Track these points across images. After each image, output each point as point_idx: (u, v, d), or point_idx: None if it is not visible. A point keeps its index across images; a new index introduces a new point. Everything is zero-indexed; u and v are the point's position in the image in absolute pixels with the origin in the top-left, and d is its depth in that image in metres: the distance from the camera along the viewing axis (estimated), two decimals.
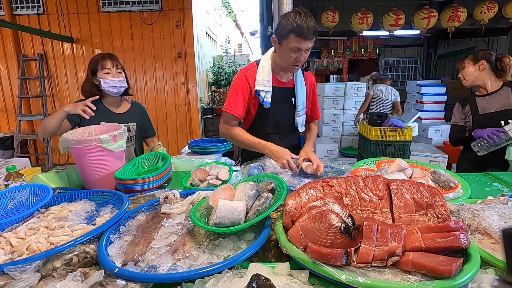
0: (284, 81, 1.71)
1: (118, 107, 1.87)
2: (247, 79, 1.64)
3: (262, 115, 1.71)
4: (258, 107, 1.70)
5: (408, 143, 3.65)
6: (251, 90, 1.65)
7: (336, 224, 0.73)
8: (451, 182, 1.26)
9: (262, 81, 1.61)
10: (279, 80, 1.69)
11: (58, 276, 0.75)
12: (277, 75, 1.68)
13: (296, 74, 1.71)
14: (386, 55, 7.72)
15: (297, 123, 1.76)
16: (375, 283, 0.61)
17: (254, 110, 1.71)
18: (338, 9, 4.97)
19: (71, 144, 1.35)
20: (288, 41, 1.44)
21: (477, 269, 0.66)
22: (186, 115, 5.79)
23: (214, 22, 7.78)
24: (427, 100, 5.39)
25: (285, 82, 1.71)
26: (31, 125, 5.77)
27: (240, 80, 1.64)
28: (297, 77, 1.71)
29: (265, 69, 1.63)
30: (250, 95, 1.66)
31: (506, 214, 0.90)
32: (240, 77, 1.66)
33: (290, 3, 2.73)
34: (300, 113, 1.74)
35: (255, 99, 1.67)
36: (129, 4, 5.35)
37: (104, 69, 1.71)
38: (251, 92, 1.65)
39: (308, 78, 1.80)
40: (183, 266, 0.79)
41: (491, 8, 4.49)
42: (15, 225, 1.03)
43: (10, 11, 5.32)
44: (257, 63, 1.69)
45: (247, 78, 1.64)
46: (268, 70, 1.63)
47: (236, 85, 1.65)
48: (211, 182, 1.42)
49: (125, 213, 1.02)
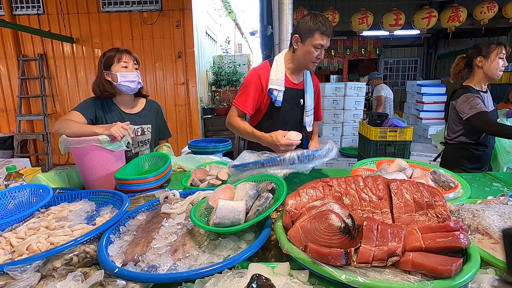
0: (296, 82, 1.76)
1: (132, 107, 1.76)
2: (260, 77, 1.68)
3: (272, 113, 1.75)
4: (269, 106, 1.73)
5: (408, 143, 3.64)
6: (262, 89, 1.69)
7: (336, 224, 0.73)
8: (451, 182, 1.26)
9: (276, 80, 1.66)
10: (291, 81, 1.73)
11: (58, 276, 0.75)
12: (289, 76, 1.73)
13: (306, 75, 1.78)
14: (386, 55, 7.72)
15: (305, 123, 1.80)
16: (375, 283, 0.61)
17: (265, 108, 1.75)
18: (338, 9, 4.97)
19: (70, 144, 1.35)
20: (312, 38, 1.54)
21: (477, 269, 0.66)
22: (186, 115, 5.79)
23: (214, 22, 7.78)
24: (427, 100, 5.39)
25: (297, 83, 1.76)
26: (31, 125, 5.76)
27: (254, 78, 1.69)
28: (307, 78, 1.78)
29: (279, 69, 1.68)
30: (262, 93, 1.70)
31: (506, 214, 0.90)
32: (253, 75, 1.70)
33: (290, 3, 2.72)
34: (309, 113, 1.79)
35: (266, 97, 1.71)
36: (129, 4, 5.35)
37: (121, 62, 1.61)
38: (262, 90, 1.69)
39: (315, 80, 1.87)
40: (183, 266, 0.79)
41: (491, 8, 4.50)
42: (15, 225, 1.03)
43: (10, 11, 5.32)
44: (270, 62, 1.74)
45: (260, 77, 1.69)
46: (282, 70, 1.68)
47: (249, 82, 1.69)
48: (211, 182, 1.42)
49: (125, 213, 1.02)
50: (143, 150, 1.81)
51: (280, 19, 2.73)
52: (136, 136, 1.75)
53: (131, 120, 1.71)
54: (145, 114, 1.81)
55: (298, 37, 1.60)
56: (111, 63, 1.62)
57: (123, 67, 1.62)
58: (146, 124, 1.80)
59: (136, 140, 1.76)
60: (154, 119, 1.84)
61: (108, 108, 1.69)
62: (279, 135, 1.45)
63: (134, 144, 1.76)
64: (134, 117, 1.75)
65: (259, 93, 1.69)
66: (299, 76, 1.77)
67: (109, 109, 1.69)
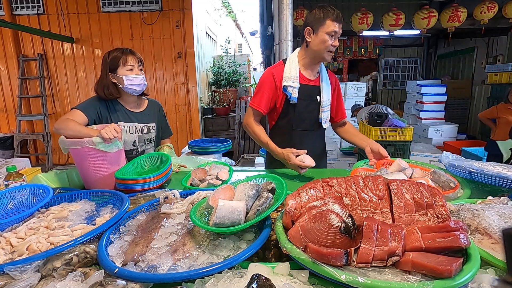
0: (311, 79, 1.76)
1: (136, 106, 1.77)
2: (274, 76, 1.71)
3: (288, 111, 1.76)
4: (285, 103, 1.74)
5: (408, 143, 3.65)
6: (276, 87, 1.71)
7: (336, 224, 0.73)
8: (451, 182, 1.26)
9: (290, 77, 1.68)
10: (306, 78, 1.74)
11: (58, 276, 0.75)
12: (304, 72, 1.74)
13: (322, 71, 1.78)
14: (386, 55, 7.72)
15: (321, 119, 1.80)
16: (375, 283, 0.61)
17: (280, 106, 1.76)
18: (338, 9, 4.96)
19: (66, 145, 1.34)
20: (324, 26, 1.57)
21: (477, 269, 0.66)
22: (186, 115, 5.79)
23: (214, 22, 7.78)
24: (427, 100, 5.39)
25: (312, 79, 1.76)
26: (31, 125, 5.77)
27: (267, 77, 1.72)
28: (323, 74, 1.78)
29: (293, 66, 1.70)
30: (276, 91, 1.72)
31: (506, 214, 0.90)
32: (267, 74, 1.73)
33: (290, 3, 2.72)
34: (325, 109, 1.79)
35: (281, 95, 1.72)
36: (129, 4, 5.35)
37: (127, 65, 1.60)
38: (276, 89, 1.71)
39: (333, 77, 1.86)
40: (183, 266, 0.79)
41: (491, 8, 4.49)
42: (15, 225, 1.03)
43: (10, 11, 5.32)
44: (283, 61, 1.76)
45: (273, 75, 1.71)
46: (295, 67, 1.70)
47: (263, 82, 1.72)
48: (211, 182, 1.42)
49: (125, 213, 1.02)
50: (148, 148, 1.82)
51: (280, 19, 2.73)
52: (142, 134, 1.76)
53: (137, 118, 1.72)
54: (149, 113, 1.82)
55: (310, 29, 1.62)
56: (117, 66, 1.60)
57: (129, 70, 1.61)
58: (151, 123, 1.81)
59: (142, 138, 1.77)
60: (157, 118, 1.85)
61: (113, 107, 1.68)
62: (290, 154, 1.51)
63: (141, 142, 1.77)
64: (139, 116, 1.75)
65: (273, 92, 1.72)
66: (314, 71, 1.77)
67: (114, 108, 1.68)
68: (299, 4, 4.99)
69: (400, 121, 3.70)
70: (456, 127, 5.20)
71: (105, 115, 1.65)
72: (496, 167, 1.28)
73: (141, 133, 1.76)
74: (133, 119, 1.72)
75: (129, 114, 1.72)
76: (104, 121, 1.64)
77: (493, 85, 5.20)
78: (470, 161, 1.37)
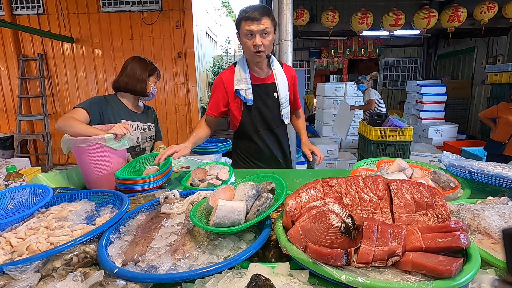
0: (263, 77, 1.76)
1: (136, 108, 1.87)
2: (223, 80, 1.74)
3: (248, 113, 1.77)
4: (243, 107, 1.75)
5: (408, 143, 3.65)
6: (226, 91, 1.74)
7: (336, 224, 0.73)
8: (451, 182, 1.26)
9: (240, 80, 1.70)
10: (257, 77, 1.75)
11: (58, 276, 0.75)
12: (254, 72, 1.74)
13: (275, 68, 1.76)
14: (386, 55, 7.72)
15: (282, 116, 1.81)
16: (375, 283, 0.61)
17: (239, 110, 1.77)
18: (338, 9, 4.97)
19: (75, 143, 1.35)
20: (241, 30, 1.57)
21: (477, 269, 0.66)
22: (186, 115, 5.79)
23: (214, 22, 7.78)
24: (427, 100, 5.40)
25: (264, 77, 1.76)
26: (31, 125, 5.77)
27: (217, 82, 1.77)
28: (276, 71, 1.77)
29: (241, 68, 1.72)
30: (226, 95, 1.75)
31: (506, 214, 0.90)
32: (217, 78, 1.79)
33: (290, 3, 2.72)
34: (284, 105, 1.79)
35: (236, 99, 1.74)
36: (129, 4, 5.35)
37: (154, 77, 1.86)
38: (226, 93, 1.74)
39: (289, 71, 1.84)
40: (183, 266, 0.79)
41: (491, 8, 4.50)
42: (15, 225, 1.03)
43: (10, 11, 5.32)
44: (234, 65, 1.77)
45: (222, 79, 1.75)
46: (244, 68, 1.71)
47: (214, 86, 1.80)
48: (211, 182, 1.42)
49: (125, 213, 1.02)
50: (148, 146, 1.90)
51: (280, 19, 2.72)
52: (144, 131, 1.86)
53: (138, 117, 1.83)
54: (147, 114, 1.93)
55: (237, 35, 1.65)
56: (151, 74, 1.83)
57: (154, 82, 1.88)
58: (150, 122, 1.91)
59: (144, 135, 1.86)
60: (153, 120, 1.96)
61: (116, 106, 1.74)
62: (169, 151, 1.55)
63: (143, 139, 1.85)
64: (139, 115, 1.86)
65: (222, 95, 1.75)
66: (264, 70, 1.75)
67: (117, 107, 1.74)
68: (299, 4, 4.99)
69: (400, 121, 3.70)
70: (456, 127, 5.21)
71: (108, 114, 1.69)
72: (496, 167, 1.28)
73: (143, 130, 1.85)
74: (135, 118, 1.82)
75: (131, 114, 1.81)
76: (106, 121, 1.66)
77: (493, 85, 5.20)
78: (470, 161, 1.37)
